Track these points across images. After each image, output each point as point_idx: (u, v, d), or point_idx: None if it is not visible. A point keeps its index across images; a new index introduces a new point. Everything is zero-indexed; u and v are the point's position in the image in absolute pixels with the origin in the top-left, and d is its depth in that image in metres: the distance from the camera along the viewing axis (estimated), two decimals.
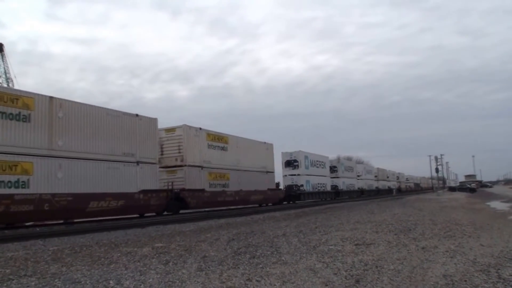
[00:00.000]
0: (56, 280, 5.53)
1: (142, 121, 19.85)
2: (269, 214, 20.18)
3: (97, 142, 17.30)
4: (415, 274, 5.61)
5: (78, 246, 9.28)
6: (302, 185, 37.15)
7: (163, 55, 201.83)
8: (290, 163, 37.85)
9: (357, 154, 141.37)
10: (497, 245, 8.07)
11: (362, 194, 55.07)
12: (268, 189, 31.10)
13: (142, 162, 19.40)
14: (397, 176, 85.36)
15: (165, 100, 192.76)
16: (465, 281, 5.20)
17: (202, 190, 23.26)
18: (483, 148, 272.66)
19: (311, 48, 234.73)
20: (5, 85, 50.81)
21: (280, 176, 37.73)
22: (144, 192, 19.16)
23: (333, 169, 47.73)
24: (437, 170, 68.83)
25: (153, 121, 20.74)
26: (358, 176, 56.26)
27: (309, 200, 38.00)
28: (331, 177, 46.61)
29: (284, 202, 34.07)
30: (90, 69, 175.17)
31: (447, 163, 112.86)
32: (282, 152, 38.38)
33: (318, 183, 41.23)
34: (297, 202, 35.43)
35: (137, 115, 19.55)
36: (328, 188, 44.25)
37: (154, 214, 20.56)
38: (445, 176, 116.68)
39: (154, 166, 20.36)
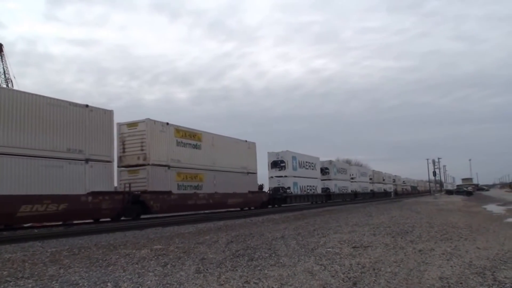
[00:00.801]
0: (53, 282, 5.53)
1: (93, 113, 17.58)
2: (268, 216, 20.18)
3: (34, 136, 15.09)
4: (412, 276, 5.64)
5: (77, 247, 9.26)
6: (289, 188, 34.83)
7: (162, 57, 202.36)
8: (276, 164, 35.51)
9: (356, 157, 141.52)
10: (493, 248, 8.13)
11: (356, 197, 53.50)
12: (249, 191, 28.49)
13: (92, 160, 17.11)
14: (393, 179, 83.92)
15: (165, 102, 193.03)
16: (461, 283, 5.24)
17: (169, 193, 20.88)
18: (479, 152, 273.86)
19: (310, 52, 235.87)
20: (4, 86, 50.74)
21: (266, 178, 35.72)
22: (94, 194, 16.82)
23: (324, 171, 45.60)
24: (434, 173, 69.22)
25: (108, 113, 18.38)
26: (352, 178, 54.27)
27: (297, 204, 35.61)
28: (322, 179, 44.43)
29: (269, 206, 31.98)
30: (89, 70, 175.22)
31: (444, 166, 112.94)
32: (268, 152, 36.23)
33: (307, 186, 39.07)
34: (283, 205, 33.38)
35: (87, 106, 17.35)
36: (319, 191, 41.99)
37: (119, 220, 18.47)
38: (443, 179, 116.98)
39: (109, 165, 18.10)
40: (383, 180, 73.69)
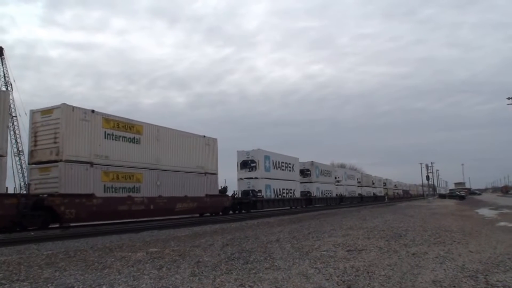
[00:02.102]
0: (48, 285, 5.55)
1: None
2: (263, 220, 20.20)
3: None
4: (405, 280, 5.70)
5: (72, 250, 9.26)
6: (260, 191, 30.99)
7: (160, 62, 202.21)
8: (246, 164, 31.51)
9: (351, 161, 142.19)
10: (485, 251, 8.20)
11: (341, 202, 50.06)
12: (207, 195, 24.83)
13: None
14: (384, 182, 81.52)
15: (162, 106, 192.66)
16: (454, 286, 5.30)
17: (89, 196, 17.03)
18: (472, 157, 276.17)
19: (306, 58, 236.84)
20: (4, 89, 50.78)
21: (232, 180, 31.76)
22: None
23: (305, 172, 42.00)
24: (427, 178, 69.52)
25: (2, 94, 15.67)
26: (338, 181, 51.24)
27: (269, 210, 31.42)
28: (302, 182, 41.06)
29: (236, 212, 28.85)
30: (88, 74, 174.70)
31: (437, 170, 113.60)
32: (237, 151, 32.52)
33: (284, 189, 35.35)
34: (252, 211, 29.37)
35: None
36: (297, 195, 38.29)
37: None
38: (436, 183, 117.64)
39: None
40: (373, 183, 71.17)
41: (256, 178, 31.48)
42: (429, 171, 74.84)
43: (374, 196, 68.28)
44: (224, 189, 27.99)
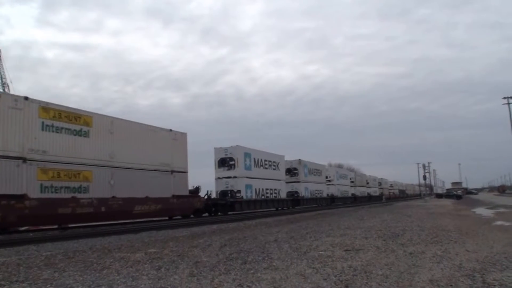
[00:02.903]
0: (48, 286, 5.56)
1: None
2: (262, 220, 20.24)
3: None
4: (402, 279, 5.73)
5: (72, 251, 9.28)
6: (239, 191, 28.33)
7: (156, 63, 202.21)
8: (224, 162, 28.92)
9: (348, 162, 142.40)
10: (482, 250, 8.25)
11: (333, 202, 47.55)
12: (174, 195, 22.01)
13: None
14: (379, 182, 79.03)
15: (158, 107, 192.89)
16: (451, 286, 5.33)
17: (21, 197, 14.59)
18: (469, 157, 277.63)
19: (301, 58, 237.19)
20: (1, 90, 50.73)
21: (206, 179, 30.08)
22: None
23: (292, 171, 39.25)
24: (424, 178, 69.66)
25: None
26: (329, 181, 48.94)
27: (250, 211, 29.32)
28: (289, 182, 38.47)
29: (211, 214, 26.15)
30: (84, 75, 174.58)
31: (434, 170, 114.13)
32: (215, 148, 29.77)
33: (267, 189, 32.75)
34: (230, 213, 27.08)
35: None
36: (283, 195, 35.75)
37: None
38: (433, 183, 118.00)
39: None
40: (367, 183, 68.88)
41: (234, 177, 28.68)
42: (426, 171, 75.11)
43: (369, 196, 66.13)
44: (197, 189, 25.30)
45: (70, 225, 17.01)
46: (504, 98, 47.62)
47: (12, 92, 51.99)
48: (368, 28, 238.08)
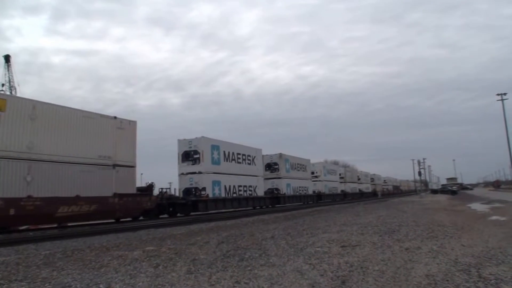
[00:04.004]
0: (46, 285, 5.57)
1: None
2: (259, 217, 20.28)
3: None
4: (399, 274, 5.78)
5: (70, 250, 9.30)
6: (204, 188, 24.99)
7: (157, 66, 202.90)
8: (188, 156, 25.54)
9: (344, 158, 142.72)
10: (478, 245, 8.31)
11: (319, 200, 44.36)
12: (116, 194, 18.60)
13: None
14: (372, 178, 76.30)
15: (158, 107, 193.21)
16: (447, 280, 5.37)
17: None
18: (463, 152, 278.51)
19: (298, 60, 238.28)
20: (8, 93, 52.08)
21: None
22: None
23: (272, 167, 36.00)
24: (420, 173, 69.93)
25: None
26: (316, 176, 46.05)
27: (218, 211, 26.42)
28: (269, 178, 35.45)
29: (168, 215, 23.19)
30: (87, 78, 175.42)
31: (429, 166, 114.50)
32: (178, 140, 26.30)
33: (240, 186, 29.41)
34: (192, 214, 24.01)
35: None
36: (260, 193, 32.41)
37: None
38: (428, 179, 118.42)
39: None
40: (358, 179, 65.93)
41: (199, 172, 25.34)
42: (421, 167, 75.46)
43: (360, 193, 63.33)
44: (150, 187, 22.22)
45: (69, 224, 16.98)
46: (498, 94, 47.89)
47: (19, 94, 53.00)
48: (362, 31, 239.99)
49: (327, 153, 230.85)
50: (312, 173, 45.50)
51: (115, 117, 19.55)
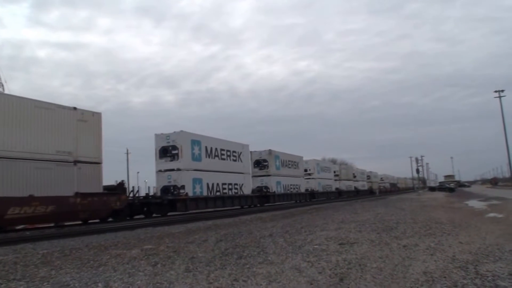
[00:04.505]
0: (45, 284, 5.56)
1: None
2: (257, 215, 20.30)
3: None
4: (396, 271, 5.79)
5: (68, 249, 9.29)
6: (183, 187, 23.18)
7: (148, 60, 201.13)
8: (166, 152, 23.83)
9: (342, 156, 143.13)
10: (475, 242, 8.34)
11: (312, 198, 43.25)
12: (78, 193, 17.08)
13: None
14: (368, 175, 75.37)
15: (152, 105, 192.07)
16: (445, 277, 5.38)
17: None
18: (461, 150, 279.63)
19: (293, 54, 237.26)
20: None
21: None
22: None
23: (262, 164, 34.46)
24: (417, 171, 69.96)
25: None
26: (309, 174, 44.79)
27: (200, 211, 24.91)
28: (258, 175, 34.11)
29: (144, 216, 21.72)
30: (76, 74, 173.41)
31: (427, 164, 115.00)
32: (155, 134, 24.58)
33: (224, 184, 27.75)
34: (169, 215, 22.51)
35: None
36: (247, 191, 30.79)
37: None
38: (426, 176, 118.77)
39: None
40: (354, 176, 64.51)
41: (178, 169, 23.54)
42: (419, 164, 75.47)
43: (356, 191, 62.08)
44: (120, 185, 20.37)
45: (67, 223, 16.98)
46: (496, 91, 48.04)
47: (6, 91, 51.70)
48: (359, 23, 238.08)
49: (325, 151, 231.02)
50: (305, 170, 44.29)
51: (75, 108, 17.89)
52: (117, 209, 19.23)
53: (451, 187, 76.62)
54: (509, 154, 47.38)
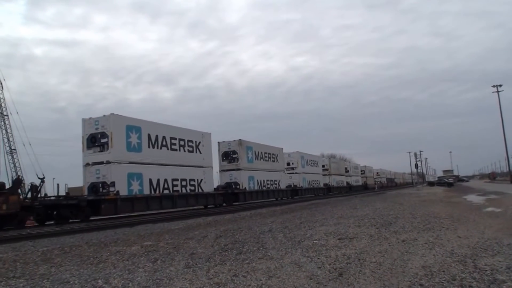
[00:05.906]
0: (44, 281, 5.57)
1: None
2: (256, 211, 20.33)
3: None
4: (395, 266, 5.81)
5: (68, 246, 9.30)
6: (113, 183, 18.94)
7: (145, 57, 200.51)
8: (95, 141, 19.42)
9: (340, 152, 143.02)
10: (473, 236, 8.36)
11: (295, 195, 39.08)
12: None
13: None
14: (362, 170, 72.64)
15: (150, 102, 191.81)
16: (443, 271, 5.40)
17: None
18: (459, 145, 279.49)
19: (290, 50, 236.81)
20: None
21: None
22: None
23: (231, 156, 29.99)
24: (416, 166, 70.25)
25: None
26: (291, 168, 40.63)
27: (132, 214, 20.36)
28: (226, 170, 30.03)
29: (57, 222, 16.81)
30: (73, 71, 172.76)
31: (426, 159, 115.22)
32: (82, 119, 20.24)
33: (175, 180, 23.30)
34: (92, 218, 18.48)
35: None
36: (208, 188, 26.26)
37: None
38: (424, 171, 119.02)
39: None
40: (347, 171, 60.48)
41: (107, 162, 19.16)
42: (417, 160, 75.69)
43: (348, 186, 58.27)
44: (17, 182, 17.40)
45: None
46: (494, 86, 48.04)
47: (5, 89, 51.70)
48: (355, 18, 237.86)
49: (323, 146, 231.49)
50: (288, 164, 40.25)
51: None
52: (4, 214, 14.96)
53: (450, 181, 76.71)
54: (507, 149, 47.43)
